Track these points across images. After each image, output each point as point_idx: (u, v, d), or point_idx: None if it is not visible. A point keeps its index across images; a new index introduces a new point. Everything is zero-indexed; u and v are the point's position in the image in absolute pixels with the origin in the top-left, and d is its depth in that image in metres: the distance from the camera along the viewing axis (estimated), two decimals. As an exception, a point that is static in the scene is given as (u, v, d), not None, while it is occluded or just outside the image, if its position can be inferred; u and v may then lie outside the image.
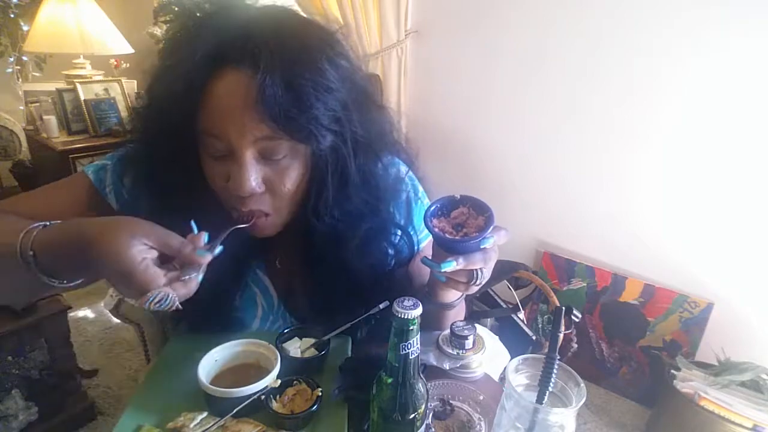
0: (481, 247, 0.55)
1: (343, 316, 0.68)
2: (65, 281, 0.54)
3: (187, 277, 0.50)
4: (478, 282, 0.57)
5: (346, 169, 0.61)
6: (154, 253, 0.49)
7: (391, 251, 0.72)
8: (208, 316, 0.69)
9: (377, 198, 0.66)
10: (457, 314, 0.74)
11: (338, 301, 0.70)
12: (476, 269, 0.56)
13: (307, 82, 0.53)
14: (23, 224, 0.52)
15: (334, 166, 0.60)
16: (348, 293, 0.69)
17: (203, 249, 0.50)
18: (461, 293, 0.67)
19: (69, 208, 0.66)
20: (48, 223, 0.53)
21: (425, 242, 0.76)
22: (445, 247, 0.58)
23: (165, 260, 0.51)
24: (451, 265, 0.54)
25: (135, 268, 0.46)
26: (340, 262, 0.67)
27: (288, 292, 0.75)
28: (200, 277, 0.51)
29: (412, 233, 0.74)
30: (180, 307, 0.49)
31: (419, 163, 0.78)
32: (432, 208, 0.59)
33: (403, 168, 0.75)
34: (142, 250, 0.47)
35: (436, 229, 0.57)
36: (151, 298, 0.47)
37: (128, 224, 0.49)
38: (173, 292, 0.48)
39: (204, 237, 0.51)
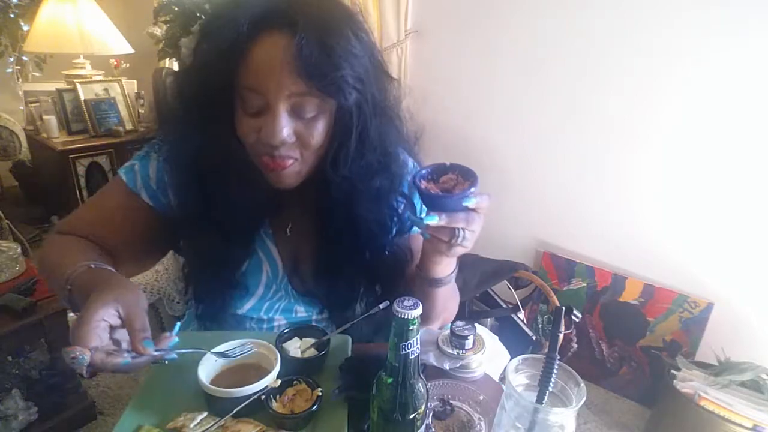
0: (464, 204, 0.58)
1: (344, 290, 0.75)
2: None
3: (120, 357, 0.51)
4: (459, 241, 0.60)
5: (366, 127, 0.66)
6: (118, 323, 0.53)
7: (394, 218, 0.76)
8: (216, 278, 0.74)
9: (389, 160, 0.72)
10: (447, 296, 0.76)
11: (342, 271, 0.75)
12: (458, 228, 0.59)
13: (337, 46, 0.59)
14: (82, 257, 0.63)
15: (356, 123, 0.65)
16: (352, 264, 0.74)
17: (149, 340, 0.52)
18: (450, 265, 0.71)
19: (115, 213, 0.74)
20: (92, 265, 0.61)
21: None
22: (429, 205, 0.61)
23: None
24: (433, 219, 0.58)
25: (87, 322, 0.50)
26: (348, 225, 0.72)
27: (294, 263, 0.79)
28: (126, 361, 0.51)
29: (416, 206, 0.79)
30: (84, 374, 0.50)
31: (421, 156, 0.83)
32: (423, 171, 0.63)
33: (407, 156, 0.81)
34: (110, 314, 0.52)
35: (423, 187, 0.60)
36: (70, 353, 0.48)
37: (119, 290, 0.54)
38: (88, 356, 0.48)
39: (172, 340, 0.55)
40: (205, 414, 0.58)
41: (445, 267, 0.70)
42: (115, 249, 0.72)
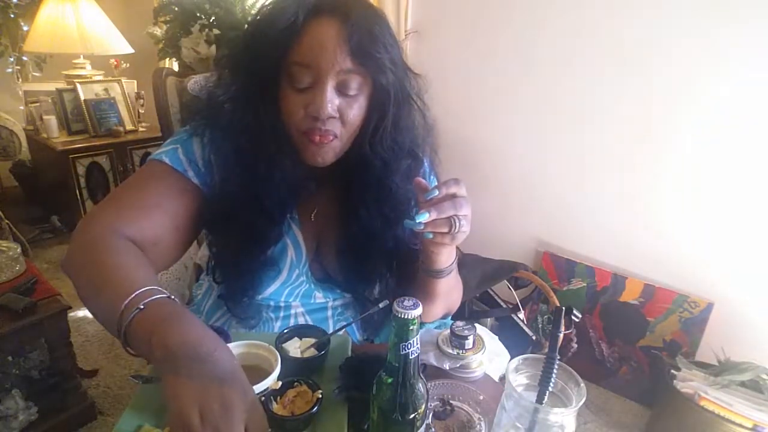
0: (428, 198, 0.62)
1: (363, 272, 0.79)
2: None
3: None
4: (458, 228, 0.63)
5: (399, 110, 0.73)
6: None
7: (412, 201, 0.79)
8: (247, 256, 0.76)
9: (416, 143, 0.79)
10: (450, 285, 0.78)
11: (364, 253, 0.79)
12: (452, 217, 0.62)
13: (380, 35, 0.68)
14: (130, 287, 0.54)
15: (391, 105, 0.72)
16: (373, 247, 0.78)
17: None
18: (451, 255, 0.73)
19: (162, 197, 0.72)
20: (149, 294, 0.53)
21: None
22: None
23: None
24: (425, 216, 0.60)
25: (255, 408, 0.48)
26: (376, 205, 0.77)
27: (316, 247, 0.83)
28: None
29: None
30: None
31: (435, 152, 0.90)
32: None
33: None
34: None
35: None
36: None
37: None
38: None
39: None
40: (205, 414, 0.58)
41: (447, 257, 0.73)
42: (157, 239, 0.69)
